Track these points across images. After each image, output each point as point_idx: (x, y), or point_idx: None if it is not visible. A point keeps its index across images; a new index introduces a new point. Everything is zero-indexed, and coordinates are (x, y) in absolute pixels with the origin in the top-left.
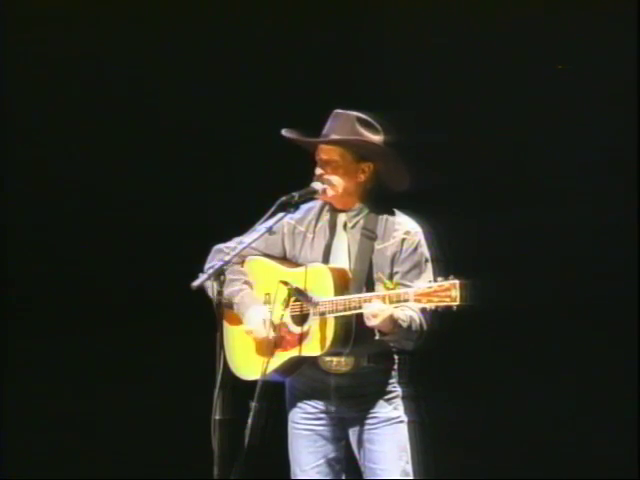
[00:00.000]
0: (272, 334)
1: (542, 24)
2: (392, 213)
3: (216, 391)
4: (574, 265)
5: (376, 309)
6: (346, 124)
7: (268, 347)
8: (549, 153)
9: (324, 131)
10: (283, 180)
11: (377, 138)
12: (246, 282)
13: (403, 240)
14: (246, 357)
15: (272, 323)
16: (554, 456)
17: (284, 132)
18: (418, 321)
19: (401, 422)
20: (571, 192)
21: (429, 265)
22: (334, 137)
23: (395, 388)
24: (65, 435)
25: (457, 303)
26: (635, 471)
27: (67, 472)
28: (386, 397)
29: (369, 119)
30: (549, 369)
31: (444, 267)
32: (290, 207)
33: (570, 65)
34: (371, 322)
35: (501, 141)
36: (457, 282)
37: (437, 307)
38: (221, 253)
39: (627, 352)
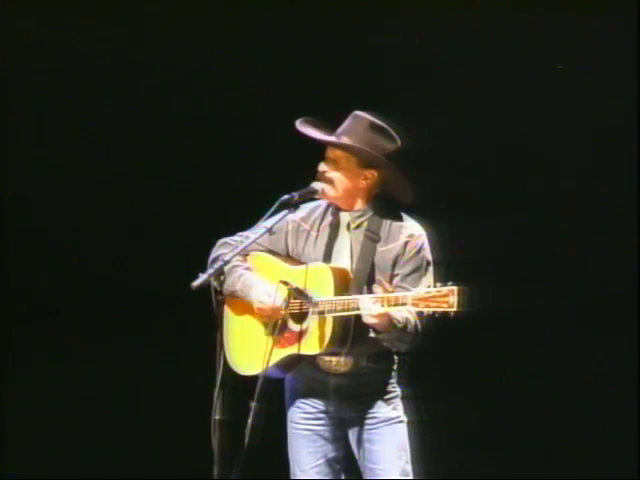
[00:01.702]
0: (279, 302)
1: (542, 25)
2: (397, 216)
3: (216, 391)
4: (574, 268)
5: (375, 311)
6: (359, 128)
7: (268, 339)
8: (550, 155)
9: (338, 130)
10: (283, 180)
11: (389, 147)
12: (247, 268)
13: (406, 243)
14: (245, 353)
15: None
16: (554, 456)
17: (298, 123)
18: (413, 323)
19: (400, 422)
20: (572, 194)
21: (430, 269)
22: (343, 140)
23: (394, 388)
24: (65, 435)
25: (454, 309)
26: (635, 471)
27: (67, 472)
28: (385, 397)
29: (384, 126)
30: (549, 369)
31: (446, 271)
32: (290, 207)
33: (570, 65)
34: (368, 320)
35: (502, 144)
36: (455, 288)
37: (434, 312)
38: (226, 246)
39: (627, 352)
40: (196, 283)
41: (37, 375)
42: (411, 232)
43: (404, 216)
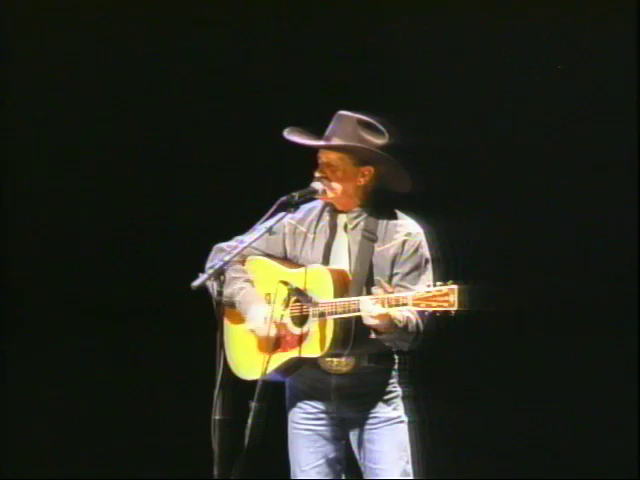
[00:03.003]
0: (273, 332)
1: (542, 25)
2: (394, 215)
3: (216, 391)
4: (574, 267)
5: (375, 312)
6: (347, 127)
7: (268, 347)
8: (550, 154)
9: (326, 133)
10: (283, 180)
11: (379, 141)
12: (247, 280)
13: (404, 242)
14: (246, 357)
15: (274, 321)
16: (554, 456)
17: (286, 133)
18: (414, 322)
19: (401, 422)
20: (571, 193)
21: (429, 267)
22: (333, 142)
23: (395, 388)
24: (65, 435)
25: (455, 308)
26: (635, 471)
27: (67, 472)
28: (386, 397)
29: (372, 122)
30: (549, 369)
31: (445, 269)
32: (290, 207)
33: (570, 65)
34: (369, 321)
35: (501, 143)
36: (455, 287)
37: (435, 312)
38: (222, 252)
39: (627, 352)
40: (196, 283)
41: (37, 375)
42: (408, 230)
43: (400, 215)
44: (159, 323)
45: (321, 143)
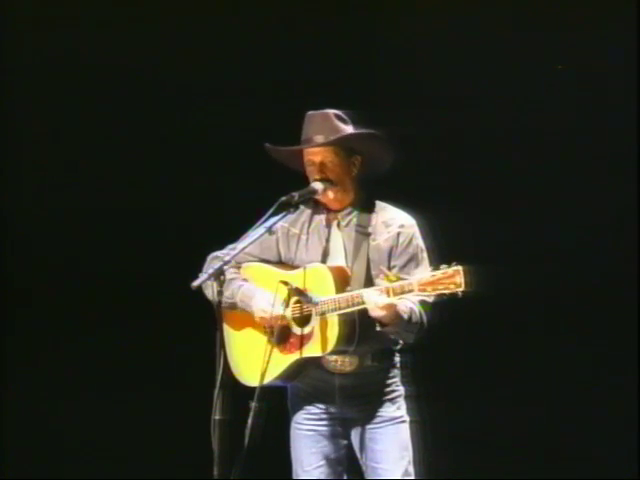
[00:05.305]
0: (280, 310)
1: (542, 24)
2: (385, 208)
3: (216, 391)
4: (574, 261)
5: (382, 302)
6: (327, 123)
7: (271, 348)
8: (548, 149)
9: (306, 135)
10: (283, 180)
11: (357, 131)
12: (244, 279)
13: (398, 234)
14: (248, 363)
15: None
16: (554, 456)
17: (269, 147)
18: (418, 313)
19: (404, 422)
20: (570, 189)
21: (425, 256)
22: (318, 139)
23: (398, 387)
24: (65, 435)
25: (462, 289)
26: (635, 471)
27: (67, 472)
28: (389, 397)
29: (342, 114)
30: (550, 370)
31: (439, 259)
32: (290, 207)
33: (570, 65)
34: (375, 313)
35: (500, 138)
36: (461, 268)
37: (443, 295)
38: (217, 259)
39: (628, 351)
40: (196, 282)
41: (35, 376)
42: (401, 222)
43: (392, 208)
44: (159, 323)
45: (322, 141)
